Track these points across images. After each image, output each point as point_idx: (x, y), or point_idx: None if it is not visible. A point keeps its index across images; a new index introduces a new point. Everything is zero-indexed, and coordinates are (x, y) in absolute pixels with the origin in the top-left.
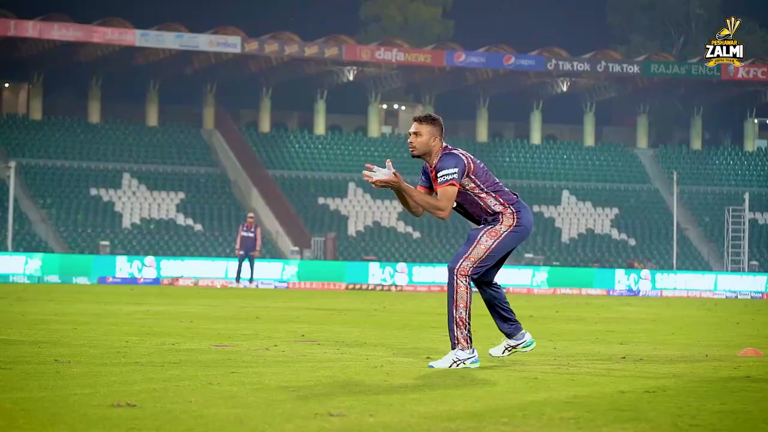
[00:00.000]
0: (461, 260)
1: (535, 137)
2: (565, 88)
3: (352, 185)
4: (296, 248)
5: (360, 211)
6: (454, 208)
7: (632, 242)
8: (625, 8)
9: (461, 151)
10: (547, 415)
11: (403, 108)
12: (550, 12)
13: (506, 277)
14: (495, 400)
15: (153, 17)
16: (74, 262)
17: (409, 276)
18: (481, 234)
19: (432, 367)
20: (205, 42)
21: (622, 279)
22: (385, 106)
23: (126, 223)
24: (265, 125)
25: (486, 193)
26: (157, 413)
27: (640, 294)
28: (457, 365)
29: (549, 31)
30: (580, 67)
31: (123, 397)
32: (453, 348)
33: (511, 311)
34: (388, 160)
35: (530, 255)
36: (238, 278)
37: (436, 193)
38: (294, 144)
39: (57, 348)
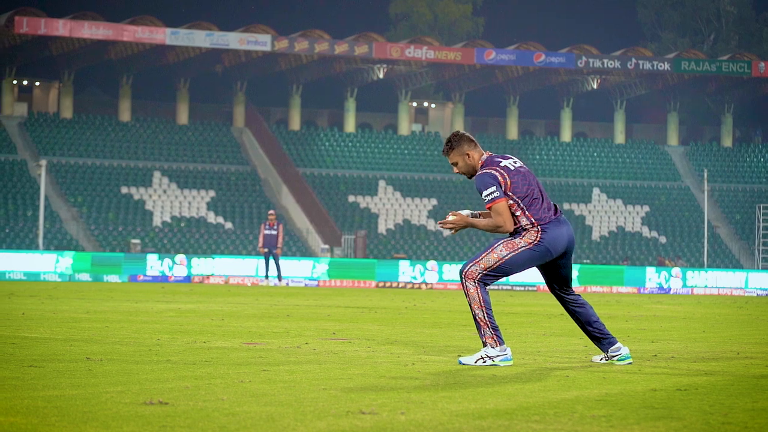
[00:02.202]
0: (471, 264)
1: (566, 135)
2: (595, 86)
3: (382, 183)
4: (326, 246)
5: (390, 209)
6: None
7: (663, 240)
8: (655, 5)
9: (499, 163)
10: (578, 413)
11: (433, 106)
12: (581, 9)
13: (536, 275)
14: (526, 398)
15: (183, 16)
16: (105, 260)
17: (439, 274)
18: (498, 243)
19: (461, 362)
20: (235, 40)
21: (652, 277)
22: (415, 104)
23: (157, 221)
24: (295, 123)
25: (522, 210)
26: (189, 411)
27: (671, 292)
28: (485, 362)
29: (579, 28)
30: (611, 64)
31: (155, 395)
32: (484, 347)
33: (599, 330)
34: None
35: None
36: (266, 276)
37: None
38: (324, 142)
39: (89, 346)
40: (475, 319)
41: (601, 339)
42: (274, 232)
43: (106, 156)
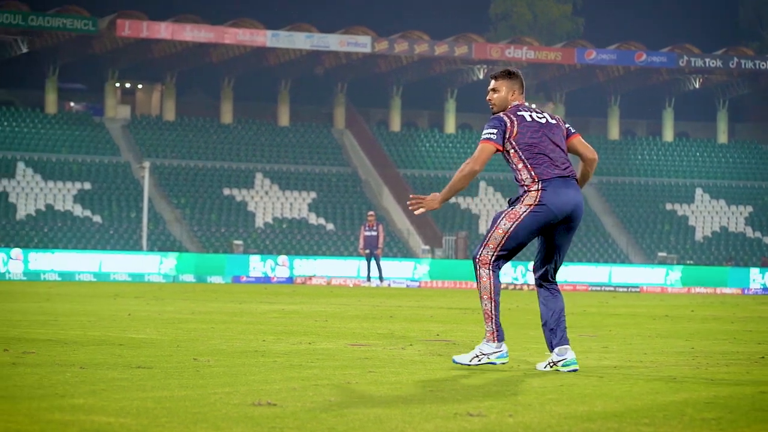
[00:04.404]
0: (481, 248)
1: (668, 135)
2: (697, 85)
3: (482, 184)
4: (427, 247)
5: (491, 209)
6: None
7: (767, 240)
8: (755, 4)
9: (516, 111)
10: (688, 416)
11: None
12: (682, 8)
13: (639, 276)
14: (634, 400)
15: (284, 18)
16: (208, 261)
17: None
18: (501, 217)
19: (455, 361)
20: (335, 42)
21: (756, 277)
22: None
23: (259, 222)
24: (395, 124)
25: (523, 162)
26: (297, 412)
27: None
28: (479, 360)
29: (680, 27)
30: (712, 63)
31: (263, 396)
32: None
33: (558, 323)
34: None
35: (663, 254)
36: (368, 277)
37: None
38: (425, 143)
39: (195, 346)
40: (483, 312)
41: (554, 334)
42: (374, 233)
43: (209, 158)
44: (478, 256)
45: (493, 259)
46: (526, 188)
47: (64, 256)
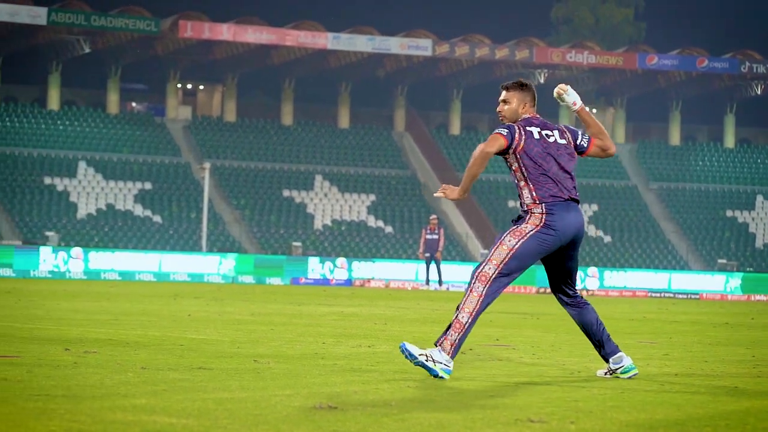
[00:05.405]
0: (484, 264)
1: (729, 141)
2: (759, 91)
3: None
4: (486, 251)
5: None
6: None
7: None
8: None
9: (526, 126)
10: (750, 424)
11: (594, 111)
12: (744, 14)
13: (698, 283)
14: (696, 408)
15: (345, 20)
16: (267, 262)
17: (600, 280)
18: (506, 234)
19: (403, 346)
20: (396, 45)
21: None
22: None
23: (318, 224)
24: (455, 128)
25: (525, 181)
26: (358, 416)
27: None
28: (425, 361)
29: (742, 33)
30: None
31: (324, 398)
32: (436, 346)
33: (600, 337)
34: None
35: (723, 261)
36: (427, 281)
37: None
38: None
39: (255, 348)
40: (454, 321)
41: (602, 347)
42: (436, 237)
43: (269, 159)
44: (478, 272)
45: (493, 276)
46: (527, 208)
47: (124, 256)
